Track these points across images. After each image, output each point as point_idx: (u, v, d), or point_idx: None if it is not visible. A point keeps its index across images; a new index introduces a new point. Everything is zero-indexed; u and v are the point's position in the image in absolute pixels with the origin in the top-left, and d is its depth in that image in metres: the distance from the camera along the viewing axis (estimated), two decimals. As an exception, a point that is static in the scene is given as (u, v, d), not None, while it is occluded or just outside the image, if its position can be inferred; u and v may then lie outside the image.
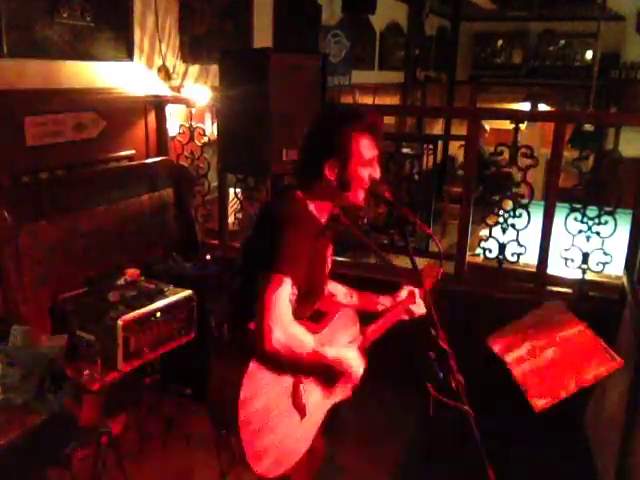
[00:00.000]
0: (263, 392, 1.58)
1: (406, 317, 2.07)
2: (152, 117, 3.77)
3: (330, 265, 1.94)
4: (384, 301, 2.08)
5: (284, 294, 1.52)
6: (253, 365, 1.55)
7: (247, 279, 1.73)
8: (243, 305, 1.71)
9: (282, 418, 1.65)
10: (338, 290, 2.07)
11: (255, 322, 1.51)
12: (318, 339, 1.70)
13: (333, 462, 2.94)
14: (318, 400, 1.79)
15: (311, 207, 1.71)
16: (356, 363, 1.77)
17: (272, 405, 1.62)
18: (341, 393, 1.91)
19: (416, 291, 2.09)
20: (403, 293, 2.08)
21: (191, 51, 4.05)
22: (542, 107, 8.06)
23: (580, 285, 3.19)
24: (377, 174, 1.72)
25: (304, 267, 1.60)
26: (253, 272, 1.63)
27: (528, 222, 3.27)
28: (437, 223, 6.42)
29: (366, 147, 1.68)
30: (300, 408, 1.69)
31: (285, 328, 1.50)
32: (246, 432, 1.54)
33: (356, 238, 1.87)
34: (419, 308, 2.07)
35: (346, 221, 1.85)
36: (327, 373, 1.79)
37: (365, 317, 2.00)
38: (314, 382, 1.76)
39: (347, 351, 1.78)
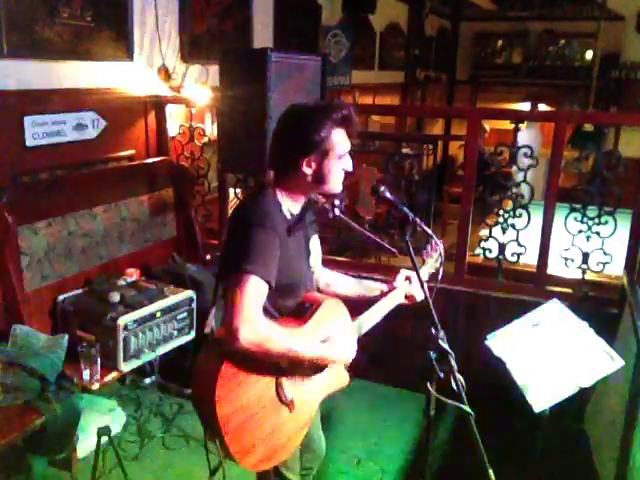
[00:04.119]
0: (240, 390, 1.57)
1: (405, 301, 2.07)
2: (152, 117, 3.77)
3: (319, 256, 1.94)
4: (382, 287, 2.08)
5: (252, 292, 1.51)
6: (226, 365, 1.54)
7: (222, 282, 1.72)
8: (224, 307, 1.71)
9: (268, 414, 1.64)
10: (337, 278, 2.07)
11: (224, 321, 1.51)
12: (301, 332, 1.69)
13: (333, 462, 2.95)
14: (309, 392, 1.78)
15: (283, 200, 1.72)
16: (342, 352, 1.77)
17: (255, 401, 1.61)
18: (334, 385, 1.90)
19: (413, 275, 2.08)
20: (400, 277, 2.07)
21: (191, 51, 4.05)
22: (542, 107, 8.06)
23: (580, 285, 3.19)
24: (350, 167, 1.74)
25: (275, 263, 1.59)
26: (224, 274, 1.64)
27: (528, 222, 3.27)
28: (437, 223, 6.42)
29: (342, 140, 1.70)
30: (287, 403, 1.69)
31: (253, 326, 1.49)
32: (228, 429, 1.54)
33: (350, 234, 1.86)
34: (417, 293, 2.06)
35: (321, 200, 1.86)
36: (312, 366, 1.77)
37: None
38: (301, 375, 1.74)
39: (328, 345, 1.75)
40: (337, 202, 1.88)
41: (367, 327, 1.95)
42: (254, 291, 1.52)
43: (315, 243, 1.91)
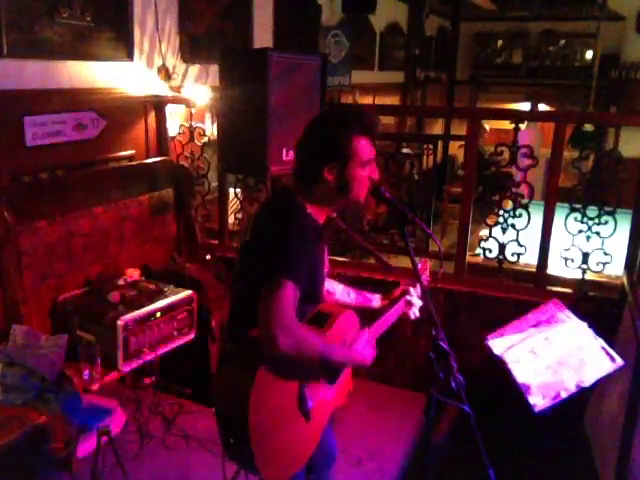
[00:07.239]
0: (271, 397, 1.58)
1: (404, 316, 2.07)
2: (152, 117, 3.77)
3: (327, 266, 1.94)
4: (380, 299, 2.09)
5: (288, 298, 1.51)
6: (261, 371, 1.55)
7: (246, 284, 1.72)
8: (244, 310, 1.70)
9: (288, 422, 1.65)
10: (336, 288, 2.07)
11: (261, 328, 1.49)
12: (327, 340, 1.70)
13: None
14: (322, 402, 1.79)
15: (310, 210, 1.70)
16: (367, 356, 1.79)
17: (279, 409, 1.62)
18: (344, 394, 1.91)
19: (412, 290, 2.09)
20: (398, 291, 2.08)
21: (191, 51, 4.05)
22: (542, 107, 8.06)
23: (580, 285, 3.19)
24: (376, 174, 1.72)
25: (306, 270, 1.59)
26: (253, 277, 1.62)
27: (528, 222, 3.27)
28: (437, 223, 6.42)
29: (365, 148, 1.68)
30: (305, 412, 1.69)
31: (292, 332, 1.49)
32: (255, 437, 1.54)
33: (354, 240, 1.87)
34: (416, 307, 2.07)
35: (342, 225, 1.87)
36: (332, 372, 1.80)
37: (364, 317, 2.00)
38: (319, 383, 1.76)
39: (353, 349, 1.78)
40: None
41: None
42: (291, 297, 1.52)
43: (326, 253, 1.92)
